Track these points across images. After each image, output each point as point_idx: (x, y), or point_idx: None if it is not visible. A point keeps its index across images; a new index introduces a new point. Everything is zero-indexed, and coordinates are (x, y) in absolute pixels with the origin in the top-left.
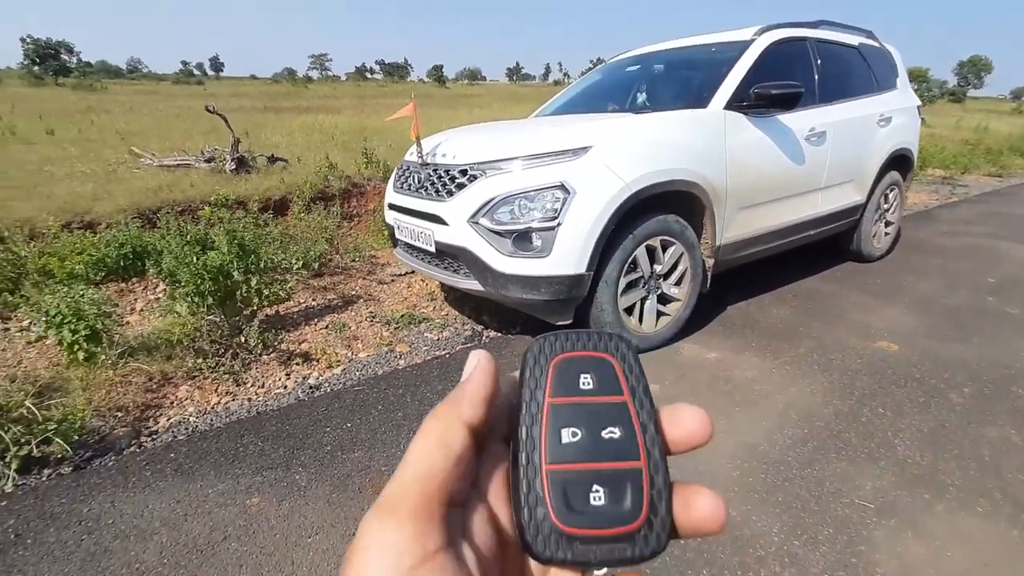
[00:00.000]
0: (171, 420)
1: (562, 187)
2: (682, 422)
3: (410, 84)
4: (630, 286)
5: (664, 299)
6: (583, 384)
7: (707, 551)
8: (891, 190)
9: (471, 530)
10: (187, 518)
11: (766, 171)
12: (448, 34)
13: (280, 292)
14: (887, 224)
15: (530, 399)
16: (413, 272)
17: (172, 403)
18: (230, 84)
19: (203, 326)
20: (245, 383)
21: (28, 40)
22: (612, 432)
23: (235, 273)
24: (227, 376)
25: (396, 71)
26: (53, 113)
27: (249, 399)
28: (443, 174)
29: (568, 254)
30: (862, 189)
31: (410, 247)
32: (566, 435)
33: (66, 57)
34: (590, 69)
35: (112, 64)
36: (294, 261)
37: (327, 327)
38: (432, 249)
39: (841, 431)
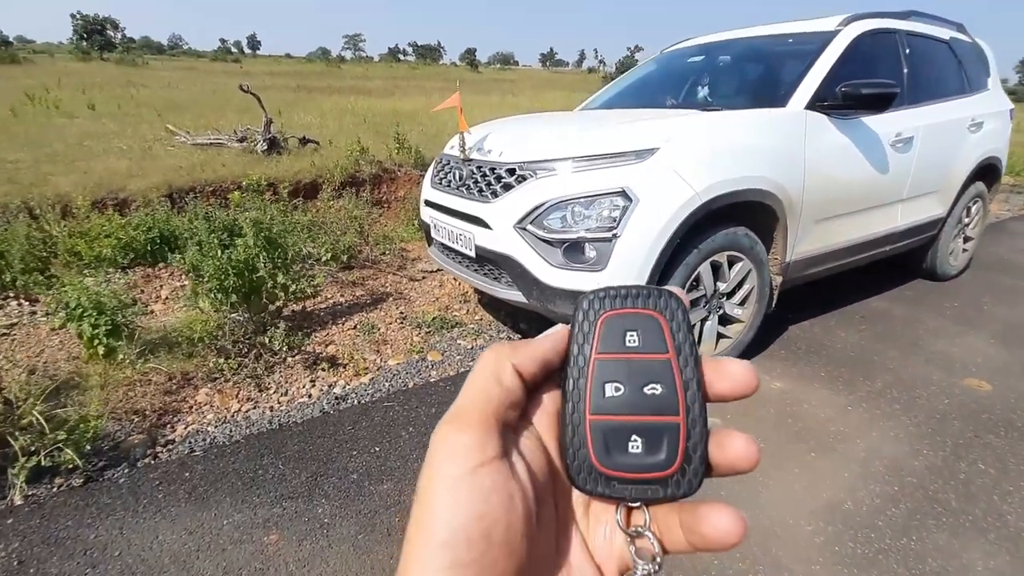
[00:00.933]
0: (188, 428)
1: (623, 194)
2: (728, 375)
3: (442, 67)
4: (691, 306)
5: (725, 319)
6: (629, 341)
7: None
8: (974, 203)
9: (522, 450)
10: (199, 554)
11: (847, 180)
12: (482, 17)
13: (307, 288)
14: (966, 240)
15: (578, 353)
16: (440, 269)
17: (191, 408)
18: (265, 62)
19: (226, 324)
20: (268, 388)
21: (77, 16)
22: (654, 388)
23: (261, 268)
24: (249, 380)
25: (429, 53)
26: (95, 87)
27: (271, 408)
28: (488, 172)
29: (626, 269)
30: (945, 202)
31: (447, 248)
32: (609, 389)
33: (111, 32)
34: (627, 57)
35: (154, 40)
36: (323, 253)
37: (355, 328)
38: (472, 254)
39: (938, 491)
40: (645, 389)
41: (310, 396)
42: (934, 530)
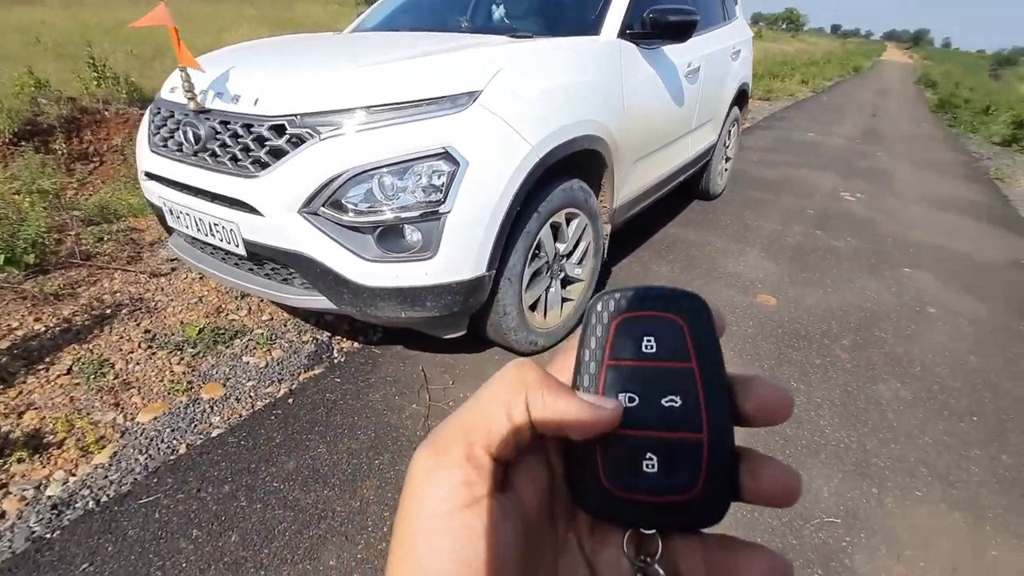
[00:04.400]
0: None
1: (446, 156)
2: (757, 396)
3: None
4: (534, 276)
5: (565, 281)
6: (646, 347)
7: None
8: (733, 126)
9: (521, 470)
10: None
11: (655, 116)
12: None
13: None
14: (726, 160)
15: (588, 359)
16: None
17: None
18: None
19: None
20: None
21: None
22: (673, 400)
23: None
24: None
25: None
26: None
27: None
28: (242, 131)
29: (462, 251)
30: (716, 128)
31: (200, 241)
32: (622, 400)
33: None
34: None
35: None
36: None
37: (71, 371)
38: (240, 251)
39: None
40: (663, 401)
41: (3, 515)
42: None
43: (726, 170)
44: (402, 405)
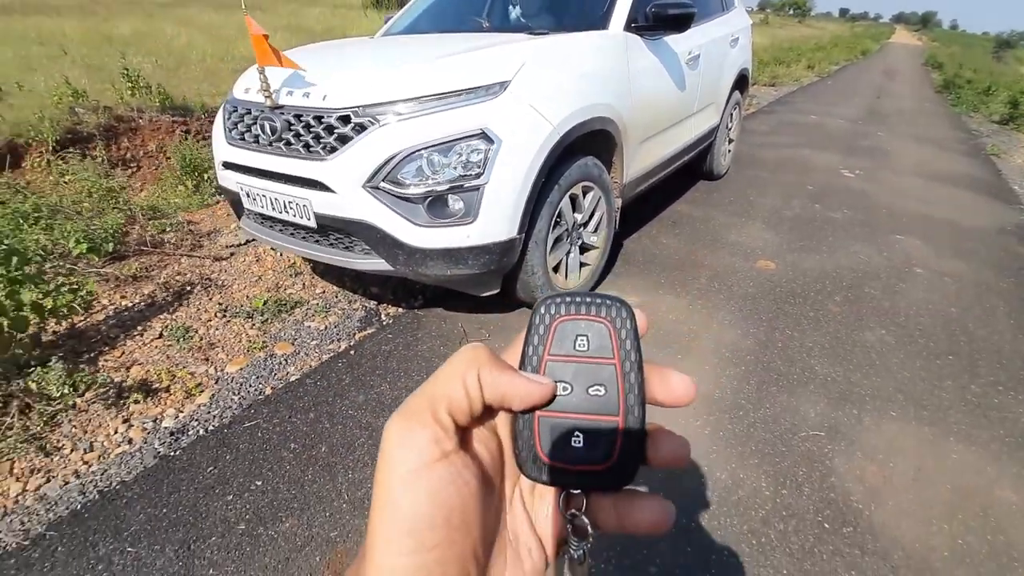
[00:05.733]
0: None
1: (483, 135)
2: (669, 385)
3: None
4: (556, 242)
5: (583, 248)
6: (579, 345)
7: (717, 523)
8: (735, 109)
9: (477, 437)
10: None
11: (659, 100)
12: None
13: (74, 302)
14: (729, 142)
15: (532, 353)
16: (254, 239)
17: None
18: None
19: None
20: (60, 448)
21: None
22: (598, 390)
23: None
24: (24, 445)
25: None
26: None
27: (76, 473)
28: (312, 122)
29: (499, 217)
30: (718, 111)
31: (269, 219)
32: (558, 388)
33: None
34: None
35: None
36: (73, 245)
37: (161, 336)
38: (311, 224)
39: (769, 361)
40: (590, 390)
41: (131, 441)
42: (776, 394)
43: (729, 151)
44: (447, 354)
